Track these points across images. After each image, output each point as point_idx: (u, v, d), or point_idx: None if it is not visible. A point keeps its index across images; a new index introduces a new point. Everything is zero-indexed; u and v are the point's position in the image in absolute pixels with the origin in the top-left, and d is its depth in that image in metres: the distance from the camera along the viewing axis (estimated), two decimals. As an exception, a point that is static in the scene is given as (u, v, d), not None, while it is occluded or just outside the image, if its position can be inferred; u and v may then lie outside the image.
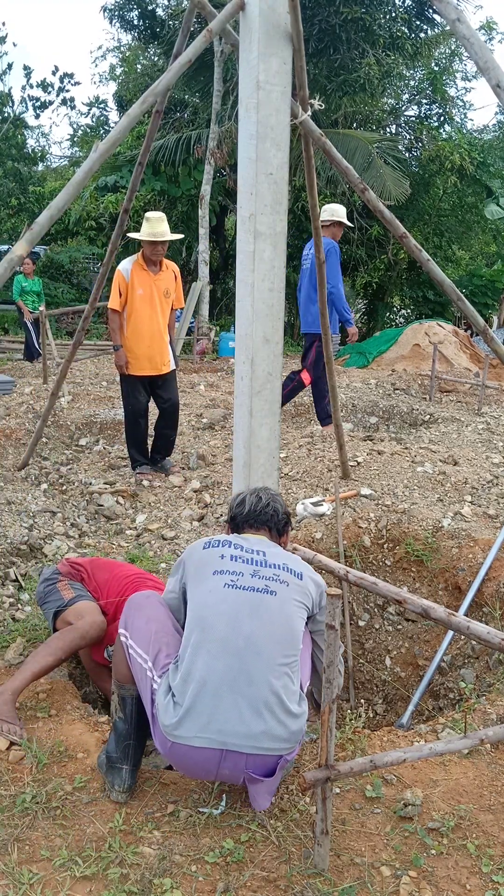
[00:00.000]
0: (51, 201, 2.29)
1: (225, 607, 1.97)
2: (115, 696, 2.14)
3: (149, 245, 4.73)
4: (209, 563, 2.08)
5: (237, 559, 2.08)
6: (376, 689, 3.88)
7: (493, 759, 2.31)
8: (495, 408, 7.80)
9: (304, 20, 2.66)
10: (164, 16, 15.68)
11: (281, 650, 1.95)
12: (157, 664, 2.01)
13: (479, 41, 2.07)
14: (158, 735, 1.96)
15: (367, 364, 11.48)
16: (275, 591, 2.03)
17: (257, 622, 1.95)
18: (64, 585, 2.70)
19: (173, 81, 2.52)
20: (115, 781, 2.04)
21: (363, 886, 1.79)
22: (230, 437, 6.00)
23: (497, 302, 17.35)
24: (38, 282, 10.72)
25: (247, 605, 1.97)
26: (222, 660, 1.90)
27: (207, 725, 1.86)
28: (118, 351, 4.86)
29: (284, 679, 1.94)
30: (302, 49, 2.60)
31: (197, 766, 1.93)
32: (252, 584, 2.02)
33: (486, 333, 2.85)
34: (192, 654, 1.93)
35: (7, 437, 5.75)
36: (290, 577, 2.08)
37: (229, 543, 2.14)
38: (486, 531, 4.05)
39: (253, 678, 1.90)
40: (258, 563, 2.08)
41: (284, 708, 1.91)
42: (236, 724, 1.86)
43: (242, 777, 1.94)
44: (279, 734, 1.90)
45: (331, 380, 4.30)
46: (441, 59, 17.30)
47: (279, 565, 2.10)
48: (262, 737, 1.88)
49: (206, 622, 1.96)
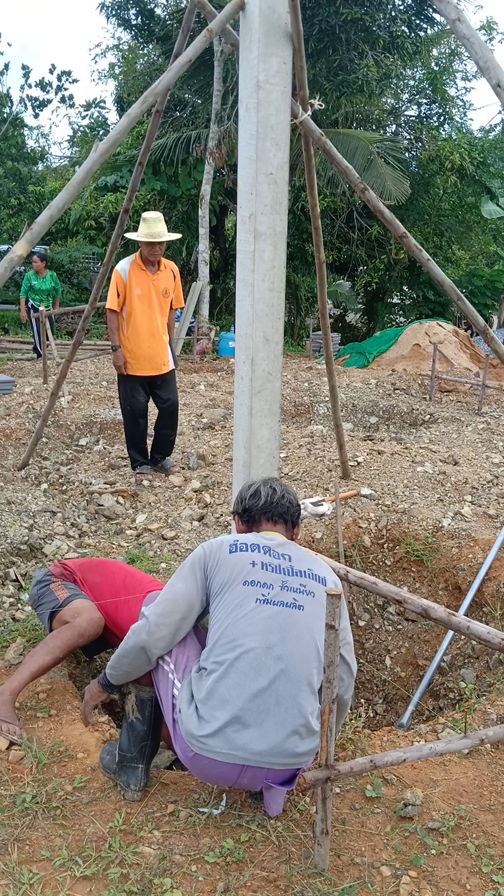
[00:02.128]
0: (51, 201, 2.29)
1: (257, 626, 1.92)
2: (133, 698, 2.12)
3: (146, 246, 4.72)
4: (238, 570, 1.99)
5: (267, 567, 2.01)
6: (376, 689, 3.88)
7: (493, 759, 2.32)
8: (495, 408, 7.80)
9: (303, 20, 2.66)
10: (162, 15, 15.67)
11: (306, 667, 1.94)
12: (178, 667, 2.00)
13: (479, 41, 2.07)
14: (180, 742, 1.93)
15: (367, 364, 11.48)
16: (302, 605, 1.98)
17: (288, 642, 1.92)
18: (57, 586, 2.70)
19: (173, 81, 2.52)
20: (131, 780, 2.05)
21: (363, 886, 1.79)
22: (230, 437, 6.00)
23: (497, 302, 17.35)
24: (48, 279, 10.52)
25: (277, 624, 1.93)
26: (252, 682, 1.87)
27: (232, 743, 1.86)
28: (116, 351, 4.86)
29: (309, 697, 1.93)
30: (302, 49, 2.60)
31: (217, 776, 1.93)
32: (281, 597, 1.96)
33: (486, 333, 2.85)
34: (221, 673, 1.89)
35: (7, 437, 5.75)
36: (316, 584, 2.03)
37: (258, 548, 2.05)
38: (486, 531, 4.05)
39: (280, 699, 1.89)
40: (286, 572, 2.02)
41: (308, 728, 1.92)
42: (261, 743, 1.86)
43: (261, 786, 1.95)
44: (301, 751, 1.91)
45: (331, 380, 4.30)
46: (441, 58, 17.30)
47: (305, 572, 2.04)
48: (285, 754, 1.88)
49: (236, 642, 1.91)
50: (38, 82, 16.93)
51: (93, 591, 2.73)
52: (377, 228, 15.38)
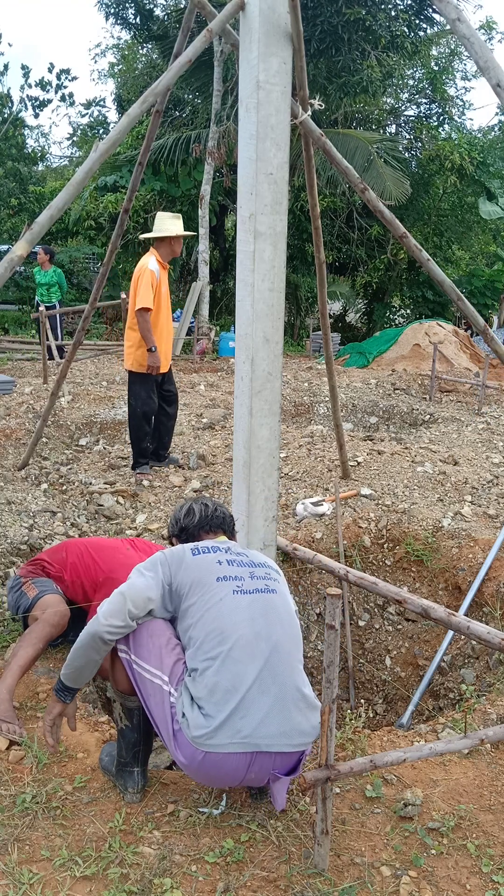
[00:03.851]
0: (51, 201, 2.29)
1: (241, 614, 1.97)
2: (119, 706, 2.11)
3: (177, 241, 4.89)
4: (206, 570, 2.05)
5: (232, 563, 2.09)
6: (376, 689, 3.88)
7: (493, 759, 2.32)
8: (495, 408, 7.80)
9: (305, 21, 2.66)
10: (161, 14, 15.65)
11: (295, 645, 2.03)
12: (173, 678, 1.99)
13: (479, 40, 2.07)
14: (186, 748, 1.90)
15: (367, 364, 11.48)
16: (274, 588, 2.09)
17: (273, 622, 2.00)
18: (28, 586, 2.81)
19: (173, 81, 2.52)
20: (129, 784, 2.07)
21: (363, 886, 1.79)
22: (230, 437, 6.00)
23: (497, 302, 17.34)
24: (50, 274, 10.39)
25: (259, 608, 2.01)
26: (249, 666, 1.91)
27: (240, 731, 1.86)
28: (154, 352, 4.80)
29: (301, 672, 2.00)
30: (302, 49, 2.60)
31: (227, 774, 1.92)
32: (255, 585, 2.06)
33: (486, 333, 2.85)
34: (218, 665, 1.90)
35: (7, 437, 5.75)
36: (276, 573, 2.17)
37: (217, 549, 2.14)
38: (486, 531, 4.05)
39: (277, 677, 1.93)
40: (248, 565, 2.12)
41: (308, 702, 1.97)
42: (268, 725, 1.88)
43: (268, 778, 1.95)
44: (305, 728, 1.94)
45: (331, 380, 4.30)
46: (440, 58, 17.30)
47: (263, 563, 2.17)
48: (291, 733, 1.91)
49: (225, 633, 1.94)
50: (38, 82, 16.91)
51: (63, 566, 2.86)
52: (377, 228, 15.37)
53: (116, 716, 2.15)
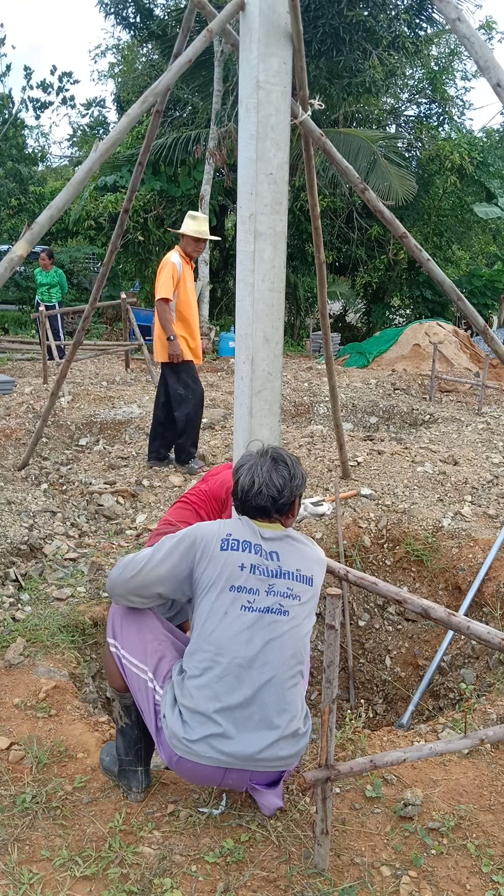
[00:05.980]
0: (51, 201, 2.28)
1: (241, 635, 1.89)
2: (117, 704, 2.13)
3: (197, 242, 4.95)
4: (228, 573, 1.93)
5: (255, 570, 1.94)
6: (376, 689, 3.88)
7: (493, 759, 2.32)
8: (495, 408, 7.80)
9: (307, 22, 2.67)
10: (161, 14, 15.65)
11: (289, 669, 1.93)
12: (158, 674, 1.99)
13: (479, 40, 2.07)
14: (165, 747, 1.94)
15: (367, 364, 11.48)
16: (287, 610, 1.94)
17: (271, 650, 1.91)
18: None
19: (173, 81, 2.52)
20: (133, 783, 2.07)
21: (363, 886, 1.79)
22: (230, 437, 6.00)
23: (497, 302, 17.34)
24: (51, 274, 10.43)
25: (261, 631, 1.91)
26: (235, 693, 1.87)
27: (216, 748, 1.86)
28: (174, 341, 4.90)
29: (295, 701, 1.94)
30: (302, 49, 2.60)
31: (202, 778, 1.94)
32: (266, 603, 1.93)
33: (486, 333, 2.85)
34: (204, 680, 1.88)
35: (7, 437, 5.75)
36: (303, 587, 1.98)
37: (249, 546, 1.97)
38: (486, 531, 4.05)
39: (264, 704, 1.89)
40: (273, 574, 1.95)
41: (292, 731, 1.92)
42: (245, 746, 1.86)
43: (246, 787, 1.97)
44: (284, 755, 1.91)
45: (331, 380, 4.30)
46: (441, 58, 17.29)
47: (292, 574, 1.98)
48: (271, 759, 1.89)
49: (220, 650, 1.89)
50: (40, 83, 16.92)
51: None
52: (377, 228, 15.37)
53: (116, 715, 2.15)
